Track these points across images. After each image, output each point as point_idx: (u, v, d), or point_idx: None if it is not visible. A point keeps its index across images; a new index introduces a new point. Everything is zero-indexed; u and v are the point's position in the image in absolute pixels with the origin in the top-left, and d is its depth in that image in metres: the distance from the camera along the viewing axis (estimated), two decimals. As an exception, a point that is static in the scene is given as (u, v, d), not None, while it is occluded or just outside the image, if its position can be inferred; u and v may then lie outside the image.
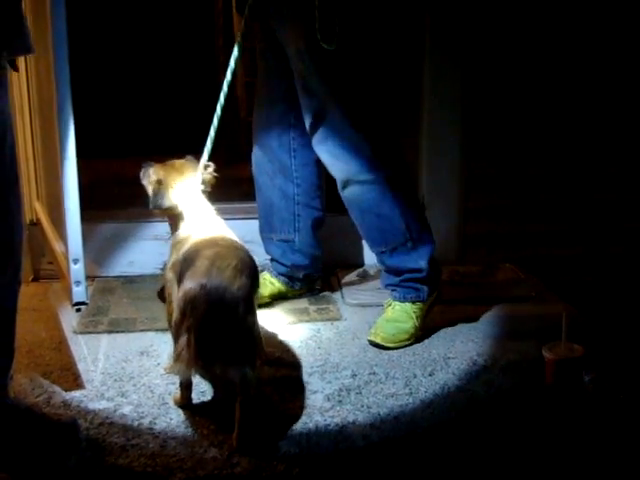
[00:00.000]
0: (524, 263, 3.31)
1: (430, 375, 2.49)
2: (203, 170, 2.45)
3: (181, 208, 2.37)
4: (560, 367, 2.38)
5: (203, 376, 2.20)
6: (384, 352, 2.64)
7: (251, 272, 2.17)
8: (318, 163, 2.78)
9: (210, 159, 2.47)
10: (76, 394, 2.36)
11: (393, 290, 2.75)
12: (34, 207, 3.16)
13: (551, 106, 3.42)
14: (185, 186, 2.39)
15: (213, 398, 2.34)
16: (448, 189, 3.34)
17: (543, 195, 3.48)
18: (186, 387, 2.28)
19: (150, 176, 2.41)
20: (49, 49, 2.13)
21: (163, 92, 4.80)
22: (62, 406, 2.29)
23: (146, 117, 4.72)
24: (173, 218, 2.40)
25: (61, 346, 2.66)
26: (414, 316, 2.70)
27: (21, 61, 3.06)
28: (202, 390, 2.37)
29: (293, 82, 2.63)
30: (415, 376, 2.48)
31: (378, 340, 2.65)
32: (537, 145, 3.45)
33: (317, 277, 3.07)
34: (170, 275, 2.29)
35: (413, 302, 2.72)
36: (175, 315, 2.11)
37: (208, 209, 2.42)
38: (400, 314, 2.70)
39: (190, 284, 2.08)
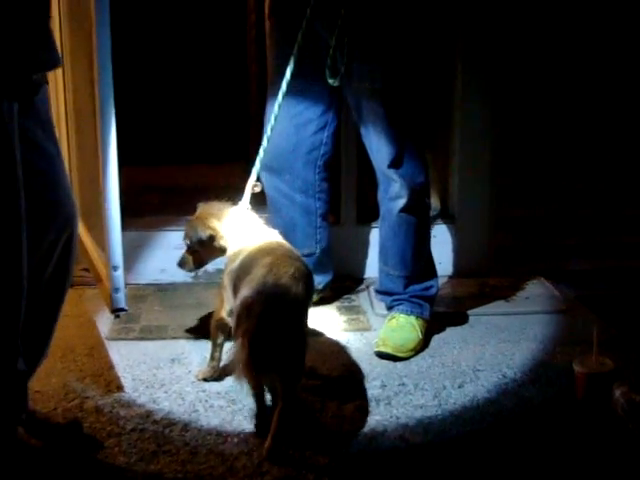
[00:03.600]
0: (555, 276, 3.30)
1: (459, 387, 2.49)
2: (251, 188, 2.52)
3: (226, 230, 2.42)
4: (591, 381, 2.37)
5: (250, 381, 2.16)
6: (413, 363, 2.64)
7: (307, 281, 2.21)
8: (333, 176, 2.93)
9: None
10: (108, 400, 2.38)
11: (399, 304, 2.79)
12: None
13: (583, 119, 3.42)
14: (221, 214, 2.45)
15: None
16: (479, 201, 3.33)
17: (574, 208, 3.46)
18: (258, 398, 2.24)
19: (192, 237, 2.46)
20: (93, 58, 2.16)
21: (195, 102, 4.84)
22: (94, 411, 2.32)
23: (179, 126, 4.76)
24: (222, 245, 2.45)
25: (94, 352, 2.69)
26: (418, 329, 2.73)
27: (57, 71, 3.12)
28: (232, 398, 2.39)
29: (328, 99, 2.72)
30: (444, 388, 2.48)
31: (389, 350, 2.65)
32: (568, 158, 3.44)
33: (329, 287, 3.09)
34: (226, 281, 2.34)
35: (417, 317, 2.76)
36: (233, 322, 2.14)
37: (258, 222, 2.47)
38: (405, 325, 2.73)
39: (247, 292, 2.11)
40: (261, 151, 2.54)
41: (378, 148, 2.67)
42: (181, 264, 2.55)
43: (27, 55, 1.78)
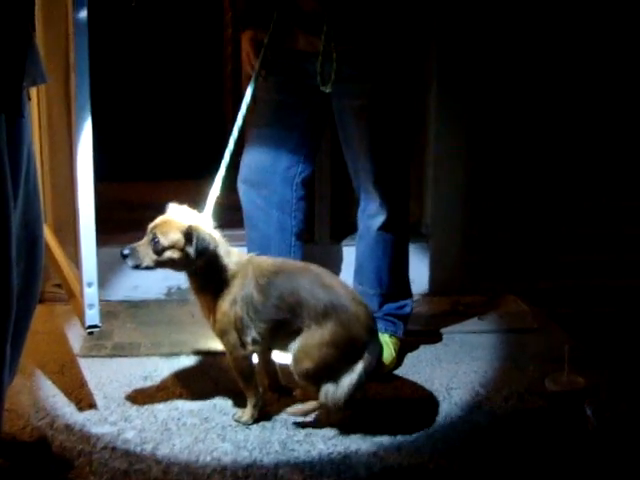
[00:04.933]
0: (527, 294, 3.33)
1: (433, 405, 2.49)
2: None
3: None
4: (562, 399, 2.39)
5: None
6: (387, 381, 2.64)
7: None
8: (310, 196, 2.90)
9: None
10: (79, 418, 2.36)
11: None
12: (40, 229, 3.17)
13: (555, 139, 3.46)
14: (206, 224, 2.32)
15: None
16: (452, 219, 3.36)
17: (547, 227, 3.50)
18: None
19: (171, 238, 2.22)
20: (71, 74, 2.15)
21: (168, 118, 4.84)
22: (65, 430, 2.29)
23: (152, 142, 4.75)
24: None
25: (65, 369, 2.66)
26: (392, 348, 2.74)
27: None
28: (205, 416, 2.38)
29: (310, 117, 2.70)
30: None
31: None
32: (541, 177, 3.48)
33: None
34: (239, 311, 2.26)
35: (390, 335, 2.77)
36: (328, 354, 2.22)
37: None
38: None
39: (354, 327, 2.25)
40: (222, 166, 2.50)
41: (362, 165, 2.68)
42: (132, 256, 2.25)
43: (16, 66, 1.77)
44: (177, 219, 2.26)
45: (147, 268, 2.27)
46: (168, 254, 2.23)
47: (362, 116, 2.60)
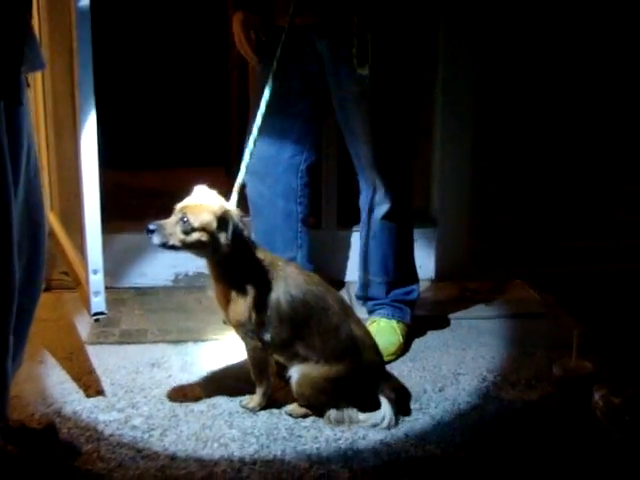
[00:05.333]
0: (535, 279, 3.32)
1: (440, 391, 2.49)
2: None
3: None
4: (570, 384, 2.38)
5: None
6: (394, 367, 2.64)
7: None
8: (315, 182, 2.88)
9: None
10: (87, 404, 2.37)
11: (381, 308, 2.80)
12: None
13: (562, 124, 3.44)
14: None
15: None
16: (459, 205, 3.35)
17: (554, 212, 3.49)
18: None
19: (202, 219, 2.14)
20: (74, 61, 2.14)
21: (177, 106, 4.84)
22: (73, 416, 2.30)
23: (160, 130, 4.75)
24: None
25: (72, 356, 2.67)
26: (399, 333, 2.74)
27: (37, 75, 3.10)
28: (212, 403, 2.38)
29: (313, 103, 2.68)
30: (425, 391, 2.48)
31: None
32: (548, 162, 3.47)
33: None
34: (258, 311, 2.23)
35: (398, 321, 2.77)
36: (328, 389, 2.25)
37: None
38: (386, 329, 2.74)
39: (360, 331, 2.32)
40: (246, 153, 2.48)
41: (365, 153, 2.66)
42: (158, 233, 2.13)
43: (14, 53, 1.76)
44: (207, 202, 2.18)
45: (173, 247, 2.16)
46: (196, 236, 2.14)
47: (362, 103, 2.58)
